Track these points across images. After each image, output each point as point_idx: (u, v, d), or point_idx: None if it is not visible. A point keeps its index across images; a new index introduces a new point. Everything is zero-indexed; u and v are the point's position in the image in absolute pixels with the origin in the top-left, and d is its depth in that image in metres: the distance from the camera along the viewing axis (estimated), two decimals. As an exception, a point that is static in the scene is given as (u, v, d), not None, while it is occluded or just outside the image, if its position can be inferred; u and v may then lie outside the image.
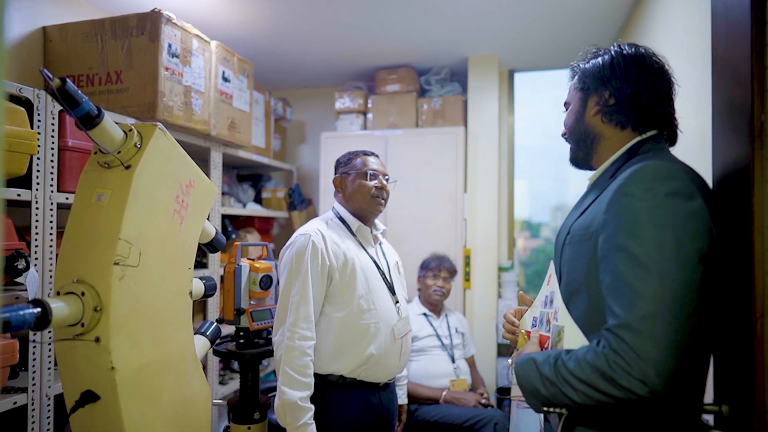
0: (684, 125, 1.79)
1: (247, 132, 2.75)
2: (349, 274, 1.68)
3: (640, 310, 0.83)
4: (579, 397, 0.88)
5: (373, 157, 1.85)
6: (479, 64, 3.34)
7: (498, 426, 2.21)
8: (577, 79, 1.15)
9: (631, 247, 0.87)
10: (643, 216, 0.87)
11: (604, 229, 0.93)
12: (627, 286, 0.86)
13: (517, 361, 1.00)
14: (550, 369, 0.92)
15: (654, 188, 0.88)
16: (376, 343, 1.68)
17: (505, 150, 3.56)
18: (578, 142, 1.14)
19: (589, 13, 2.70)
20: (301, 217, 3.49)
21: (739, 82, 0.94)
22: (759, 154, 0.90)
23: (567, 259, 1.05)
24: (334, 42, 3.10)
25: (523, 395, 0.98)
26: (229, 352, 1.76)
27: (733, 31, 0.97)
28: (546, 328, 1.08)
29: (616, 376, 0.83)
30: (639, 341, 0.82)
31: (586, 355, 0.87)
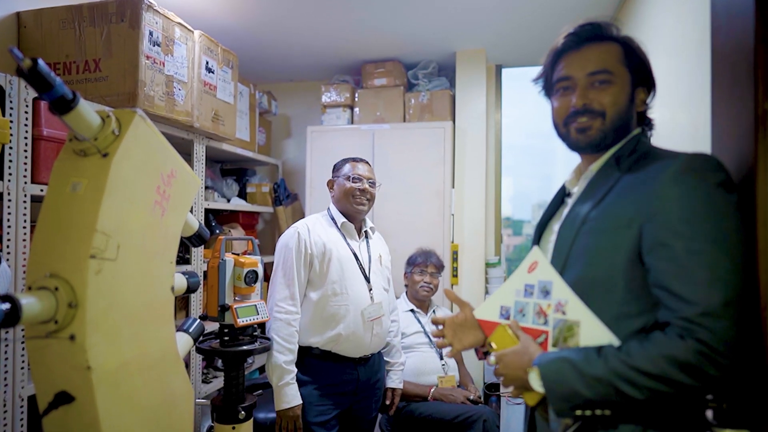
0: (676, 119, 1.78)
1: (231, 124, 2.68)
2: (327, 261, 2.01)
3: (722, 296, 0.81)
4: (641, 394, 0.85)
5: (361, 164, 2.16)
6: (467, 58, 3.31)
7: (487, 422, 2.18)
8: (624, 53, 1.04)
9: (695, 234, 0.84)
10: (701, 204, 0.85)
11: (653, 217, 0.88)
12: (698, 271, 0.83)
13: (543, 363, 0.93)
14: (602, 367, 0.87)
15: (707, 178, 0.87)
16: (344, 323, 1.98)
17: (493, 146, 3.54)
18: (618, 129, 1.03)
19: (578, 8, 2.68)
20: (287, 212, 3.43)
21: (741, 72, 0.92)
22: (762, 144, 0.88)
23: (585, 248, 0.97)
24: (321, 35, 3.05)
25: (549, 399, 0.92)
26: (212, 349, 1.70)
27: (735, 21, 0.95)
28: (537, 321, 1.03)
29: (702, 365, 0.81)
30: (724, 329, 0.80)
31: (661, 348, 0.84)
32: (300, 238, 2.01)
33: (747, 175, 0.89)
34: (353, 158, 2.19)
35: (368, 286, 2.07)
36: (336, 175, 2.18)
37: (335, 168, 2.21)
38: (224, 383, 1.74)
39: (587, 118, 1.02)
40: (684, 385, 0.83)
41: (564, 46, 1.07)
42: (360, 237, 2.17)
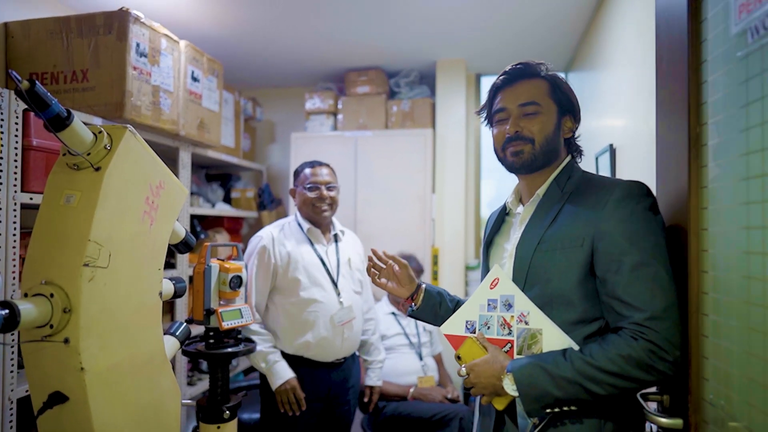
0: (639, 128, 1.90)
1: (216, 132, 2.75)
2: (292, 270, 2.05)
3: (663, 303, 0.95)
4: (603, 390, 0.97)
5: (318, 168, 2.17)
6: (447, 67, 3.41)
7: (464, 420, 2.28)
8: (552, 87, 1.17)
9: (639, 251, 0.98)
10: (642, 225, 1.00)
11: (602, 237, 1.02)
12: (643, 283, 0.97)
13: (515, 368, 1.03)
14: (568, 369, 0.98)
15: (641, 202, 1.02)
16: (314, 329, 2.03)
17: (472, 152, 3.65)
18: (547, 154, 1.16)
19: (552, 22, 2.80)
20: (271, 216, 3.49)
21: (678, 101, 1.02)
22: (695, 162, 0.98)
23: (542, 266, 1.08)
24: (305, 43, 3.13)
25: (523, 401, 1.01)
26: (198, 352, 1.77)
27: (674, 54, 1.05)
28: (502, 332, 1.11)
29: (653, 362, 0.94)
30: (667, 330, 0.94)
31: (617, 347, 0.96)
32: (264, 248, 2.06)
33: (682, 187, 1.00)
34: (310, 163, 2.20)
35: (336, 290, 2.10)
36: (296, 184, 2.21)
37: (295, 175, 2.23)
38: (209, 384, 1.80)
39: (520, 143, 1.15)
40: (639, 379, 0.96)
41: (501, 83, 1.22)
42: (328, 241, 2.19)
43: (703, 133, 0.97)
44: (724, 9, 0.89)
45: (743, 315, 0.83)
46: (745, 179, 0.83)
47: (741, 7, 0.84)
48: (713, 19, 0.94)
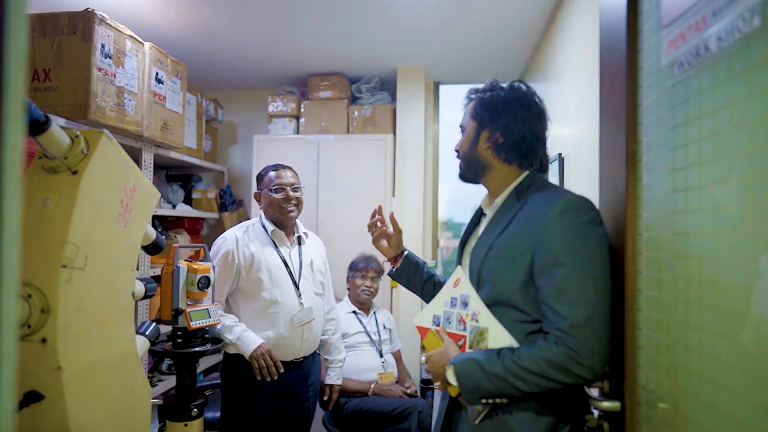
0: (584, 142, 2.05)
1: (179, 133, 2.75)
2: (255, 271, 2.09)
3: (585, 312, 1.04)
4: (528, 387, 1.07)
5: (282, 170, 2.21)
6: (407, 75, 3.53)
7: (422, 413, 2.39)
8: (473, 108, 1.28)
9: (569, 263, 1.07)
10: (575, 238, 1.09)
11: (540, 248, 1.10)
12: (570, 293, 1.05)
13: (457, 362, 1.14)
14: (499, 367, 1.08)
15: (580, 216, 1.10)
16: (274, 329, 2.08)
17: (431, 156, 3.77)
18: (469, 166, 1.30)
19: (507, 35, 2.95)
20: (232, 218, 3.50)
21: (618, 119, 1.16)
22: (632, 175, 1.11)
23: (491, 271, 1.18)
24: (268, 47, 3.16)
25: (462, 391, 1.13)
26: (166, 351, 1.80)
27: (615, 78, 1.19)
28: (459, 327, 1.23)
29: (569, 366, 1.03)
30: (586, 337, 1.03)
31: (540, 352, 1.06)
32: (228, 250, 2.10)
33: (620, 199, 1.13)
34: (274, 166, 2.24)
35: (297, 292, 2.14)
36: (261, 187, 2.23)
37: (259, 179, 2.26)
38: (176, 383, 1.83)
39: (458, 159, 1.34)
40: (557, 380, 1.06)
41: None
42: (291, 243, 2.23)
43: (638, 150, 1.10)
44: (657, 43, 1.03)
45: (671, 310, 0.96)
46: (672, 192, 0.96)
47: (670, 43, 0.97)
48: (648, 51, 1.07)
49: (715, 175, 0.84)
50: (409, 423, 2.36)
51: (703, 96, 0.87)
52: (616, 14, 1.18)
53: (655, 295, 1.03)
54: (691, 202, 0.91)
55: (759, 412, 0.72)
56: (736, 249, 0.78)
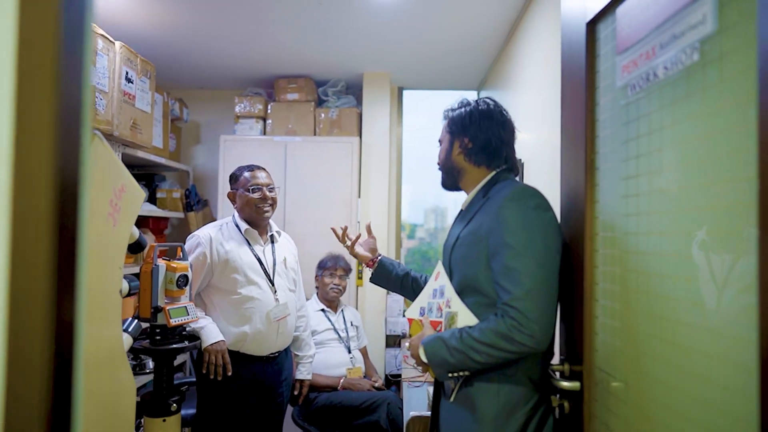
0: (543, 149, 2.21)
1: (148, 132, 2.75)
2: (229, 270, 2.14)
3: (526, 287, 1.18)
4: (483, 358, 1.19)
5: (257, 171, 2.27)
6: (373, 80, 3.63)
7: (390, 405, 2.49)
8: (447, 124, 1.48)
9: (514, 244, 1.21)
10: (520, 222, 1.23)
11: (492, 233, 1.26)
12: (514, 270, 1.19)
13: (425, 341, 1.28)
14: (457, 341, 1.22)
15: (525, 203, 1.26)
16: (250, 324, 2.13)
17: (395, 159, 3.90)
18: (447, 173, 1.49)
19: (469, 45, 3.11)
20: (198, 217, 3.51)
21: (578, 132, 1.30)
22: (590, 182, 1.26)
23: (458, 259, 1.35)
24: (235, 48, 3.19)
25: (431, 367, 1.25)
26: (145, 348, 1.83)
27: (575, 92, 1.33)
28: (437, 314, 1.37)
29: (512, 334, 1.16)
30: (526, 308, 1.17)
31: (489, 324, 1.19)
32: (201, 248, 2.14)
33: (580, 201, 1.28)
34: (248, 167, 2.28)
35: (272, 288, 2.21)
36: (235, 187, 2.28)
37: (233, 179, 2.30)
38: (154, 380, 1.87)
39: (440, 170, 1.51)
40: (505, 349, 1.18)
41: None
42: (265, 242, 2.30)
43: (596, 160, 1.25)
44: (612, 67, 1.17)
45: (623, 300, 1.11)
46: (624, 197, 1.11)
47: (623, 68, 1.12)
48: (604, 73, 1.22)
49: (659, 184, 0.99)
50: (378, 414, 2.46)
51: (651, 116, 1.01)
52: (577, 38, 1.32)
53: (610, 286, 1.17)
54: (640, 206, 1.05)
55: (696, 382, 0.86)
56: (676, 246, 0.93)
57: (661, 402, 0.97)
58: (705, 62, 0.85)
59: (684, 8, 0.90)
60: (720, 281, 0.81)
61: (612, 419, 1.15)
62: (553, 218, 1.28)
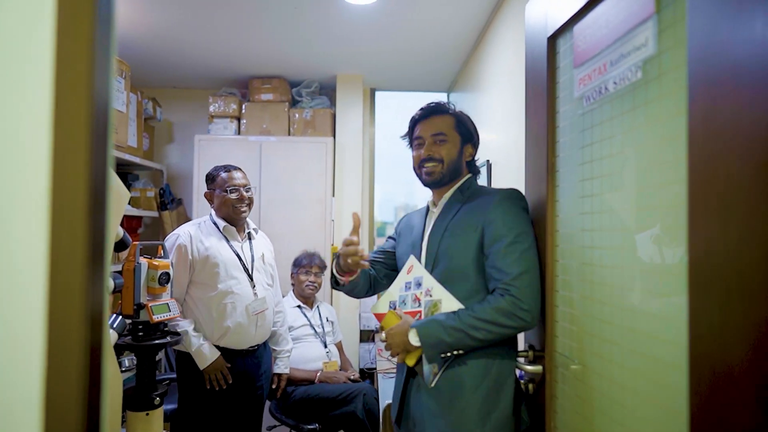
0: (509, 150, 2.34)
1: (123, 132, 2.77)
2: (210, 266, 2.21)
3: (522, 268, 1.32)
4: (482, 335, 1.31)
5: (234, 172, 2.31)
6: (346, 81, 3.71)
7: (366, 396, 2.59)
8: (457, 122, 1.52)
9: (511, 235, 1.36)
10: (514, 217, 1.39)
11: (490, 224, 1.38)
12: (510, 255, 1.33)
13: (418, 324, 1.36)
14: (454, 320, 1.32)
15: (516, 203, 1.41)
16: (231, 318, 2.21)
17: (367, 159, 3.99)
18: (452, 172, 1.51)
19: (439, 49, 3.22)
20: (172, 216, 3.52)
21: (540, 137, 1.42)
22: (551, 183, 1.38)
23: (447, 247, 1.44)
24: (210, 48, 3.22)
25: (423, 348, 1.34)
26: (128, 344, 1.88)
27: (538, 99, 1.45)
28: (413, 305, 1.45)
29: (515, 311, 1.29)
30: (525, 287, 1.31)
31: (490, 302, 1.32)
32: (181, 245, 2.20)
33: (543, 200, 1.40)
34: (224, 167, 2.33)
35: (251, 283, 2.29)
36: (212, 187, 2.32)
37: (209, 179, 2.34)
38: (137, 375, 1.92)
39: (432, 163, 1.50)
40: (505, 325, 1.30)
41: (419, 117, 1.57)
42: (242, 238, 2.36)
43: (555, 163, 1.37)
44: (570, 78, 1.29)
45: (580, 289, 1.23)
46: (581, 197, 1.23)
47: (580, 81, 1.24)
48: (563, 84, 1.34)
49: (609, 186, 1.11)
50: (354, 405, 2.55)
51: (603, 125, 1.14)
52: (539, 51, 1.44)
53: (568, 278, 1.30)
54: (593, 205, 1.18)
55: (643, 361, 0.99)
56: (624, 241, 1.05)
57: (614, 380, 1.09)
58: (647, 80, 0.97)
59: (630, 31, 1.02)
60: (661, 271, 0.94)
61: (571, 398, 1.27)
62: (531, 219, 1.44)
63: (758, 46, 0.68)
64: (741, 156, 0.71)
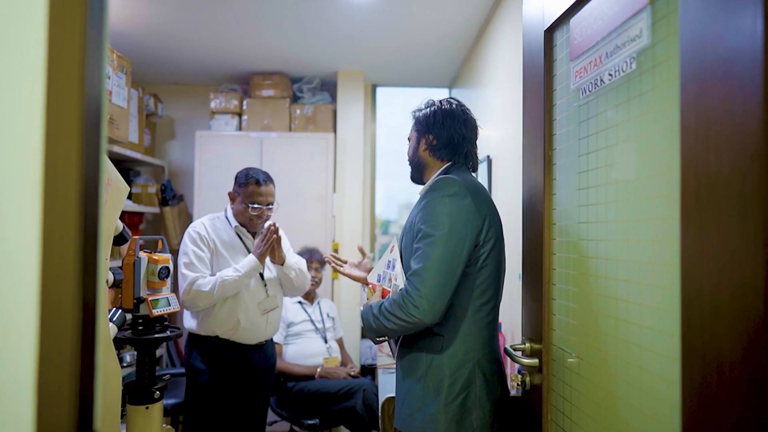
0: (509, 145, 2.34)
1: (124, 128, 2.78)
2: (219, 258, 2.24)
3: (422, 264, 1.34)
4: (390, 325, 1.38)
5: (264, 187, 2.29)
6: (347, 77, 3.71)
7: (366, 391, 2.60)
8: (415, 122, 1.61)
9: (425, 228, 1.38)
10: (433, 208, 1.40)
11: (415, 218, 1.43)
12: (419, 250, 1.36)
13: (362, 309, 1.48)
14: (377, 309, 1.41)
15: (441, 191, 1.42)
16: (243, 315, 2.22)
17: (369, 155, 3.99)
18: (414, 167, 1.63)
19: (440, 45, 3.22)
20: (173, 212, 3.54)
21: (537, 130, 1.42)
22: (548, 175, 1.38)
23: (403, 247, 1.51)
24: (211, 44, 3.23)
25: (366, 331, 1.46)
26: (128, 338, 1.89)
27: (534, 93, 1.45)
28: (388, 284, 1.54)
29: (405, 305, 1.33)
30: (419, 283, 1.33)
31: (393, 296, 1.37)
32: (197, 233, 2.24)
33: (539, 195, 1.40)
34: (256, 180, 2.26)
35: (263, 281, 2.30)
36: (237, 190, 2.29)
37: (238, 181, 2.30)
38: (137, 369, 1.93)
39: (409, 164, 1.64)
40: (400, 318, 1.34)
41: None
42: (255, 237, 2.37)
43: (553, 156, 1.37)
44: (567, 71, 1.29)
45: (577, 283, 1.24)
46: (578, 189, 1.23)
47: (576, 73, 1.24)
48: (560, 76, 1.34)
49: (606, 178, 1.11)
50: (354, 401, 2.56)
51: (599, 117, 1.14)
52: (536, 44, 1.44)
53: (565, 271, 1.30)
54: (591, 197, 1.18)
55: (640, 352, 0.99)
56: (621, 233, 1.05)
57: (612, 373, 1.09)
58: (641, 71, 0.97)
59: (624, 23, 1.02)
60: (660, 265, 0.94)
61: (568, 391, 1.27)
62: (467, 205, 1.40)
63: (748, 37, 0.68)
64: (732, 146, 0.71)
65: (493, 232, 1.45)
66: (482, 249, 1.42)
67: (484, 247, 1.42)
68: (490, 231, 1.43)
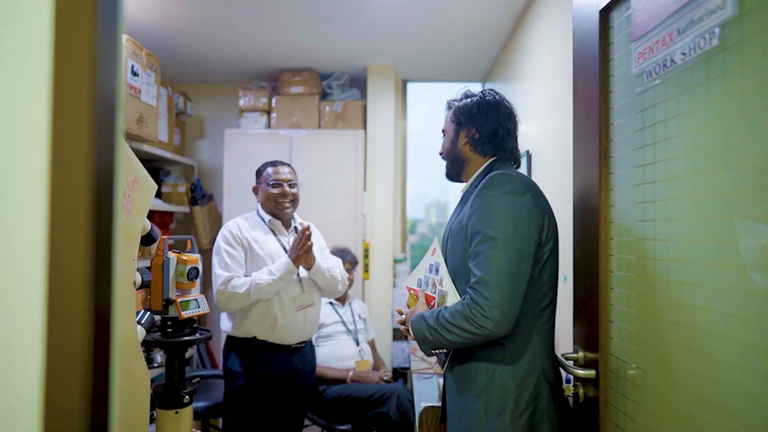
0: (551, 139, 2.21)
1: (154, 126, 2.75)
2: (254, 256, 2.18)
3: (489, 270, 1.21)
4: (453, 338, 1.24)
5: (280, 167, 2.27)
6: (377, 73, 3.62)
7: (400, 397, 2.50)
8: (452, 114, 1.49)
9: (485, 229, 1.24)
10: (490, 208, 1.26)
11: (470, 220, 1.29)
12: (483, 254, 1.23)
13: (412, 319, 1.35)
14: (434, 320, 1.27)
15: (498, 189, 1.28)
16: (279, 312, 2.14)
17: (399, 152, 3.89)
18: (452, 162, 1.50)
19: (473, 38, 3.10)
20: (203, 212, 3.51)
21: (591, 120, 1.30)
22: (604, 170, 1.26)
23: (449, 249, 1.39)
24: (239, 41, 3.18)
25: (417, 343, 1.32)
26: (156, 341, 1.84)
27: (588, 80, 1.33)
28: (431, 290, 1.42)
29: (474, 317, 1.19)
30: (488, 291, 1.19)
31: (456, 306, 1.24)
32: (230, 233, 2.19)
33: (594, 191, 1.28)
34: (272, 162, 2.30)
35: (298, 277, 2.21)
36: (258, 181, 2.30)
37: (257, 174, 2.32)
38: (166, 372, 1.87)
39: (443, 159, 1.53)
40: (467, 329, 1.21)
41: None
42: (289, 232, 2.31)
43: (609, 148, 1.25)
44: (627, 53, 1.17)
45: (637, 287, 1.11)
46: (639, 185, 1.11)
47: (639, 55, 1.12)
48: (618, 60, 1.22)
49: (675, 171, 0.99)
50: (387, 406, 2.47)
51: (668, 102, 1.01)
52: (589, 26, 1.32)
53: (625, 274, 1.18)
54: (655, 193, 1.05)
55: (718, 367, 0.87)
56: (689, 233, 0.93)
57: (681, 387, 0.97)
58: (725, 47, 0.85)
59: (703, -7, 0.89)
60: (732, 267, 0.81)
61: (629, 406, 1.15)
62: (527, 202, 1.27)
63: None
64: None
65: (552, 230, 1.33)
66: (544, 248, 1.29)
67: (546, 246, 1.30)
68: (550, 229, 1.31)
